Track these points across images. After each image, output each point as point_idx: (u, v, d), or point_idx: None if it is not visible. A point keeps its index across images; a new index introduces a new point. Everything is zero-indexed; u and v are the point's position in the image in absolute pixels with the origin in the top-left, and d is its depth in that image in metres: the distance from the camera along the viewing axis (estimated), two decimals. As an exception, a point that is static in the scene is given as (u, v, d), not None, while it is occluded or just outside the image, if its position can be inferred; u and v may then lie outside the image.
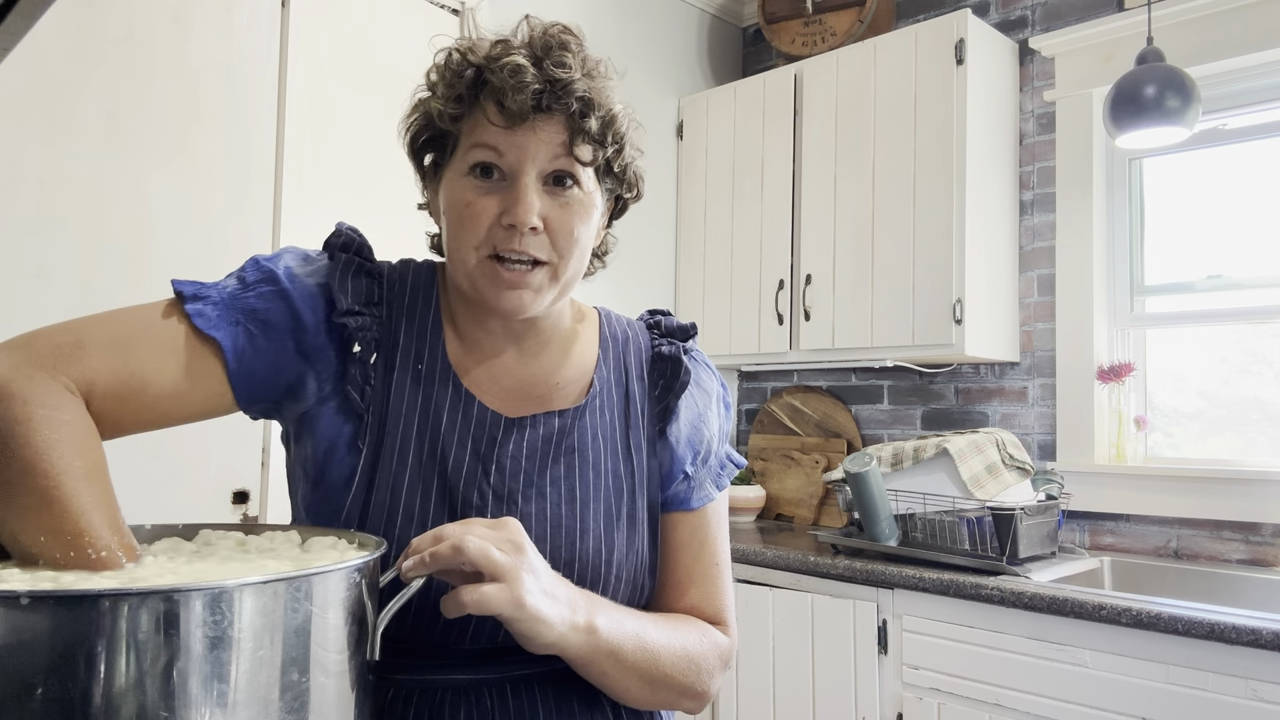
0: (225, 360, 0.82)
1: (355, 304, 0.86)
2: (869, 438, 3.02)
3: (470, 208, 0.84)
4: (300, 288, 0.86)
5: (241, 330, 0.82)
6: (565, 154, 0.84)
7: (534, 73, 0.82)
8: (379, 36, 2.34)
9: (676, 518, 0.96)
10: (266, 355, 0.83)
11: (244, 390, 0.83)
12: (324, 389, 0.87)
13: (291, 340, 0.84)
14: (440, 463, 0.86)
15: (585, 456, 0.91)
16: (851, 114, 2.76)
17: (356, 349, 0.86)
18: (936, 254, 2.54)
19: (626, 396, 0.96)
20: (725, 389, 1.04)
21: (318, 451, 0.87)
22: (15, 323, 1.79)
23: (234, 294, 0.84)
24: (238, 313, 0.83)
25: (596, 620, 0.80)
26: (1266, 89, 2.39)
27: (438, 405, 0.88)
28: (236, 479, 2.06)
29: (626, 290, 2.99)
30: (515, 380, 0.92)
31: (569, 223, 0.85)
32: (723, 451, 1.00)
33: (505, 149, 0.83)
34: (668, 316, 1.03)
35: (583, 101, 0.84)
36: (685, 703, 0.89)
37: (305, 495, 0.89)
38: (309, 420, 0.87)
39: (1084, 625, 1.86)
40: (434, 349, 0.90)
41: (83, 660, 0.52)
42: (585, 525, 0.88)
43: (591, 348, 0.97)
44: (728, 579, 0.98)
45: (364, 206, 2.26)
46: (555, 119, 0.84)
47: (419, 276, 0.94)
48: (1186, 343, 2.53)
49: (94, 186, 1.89)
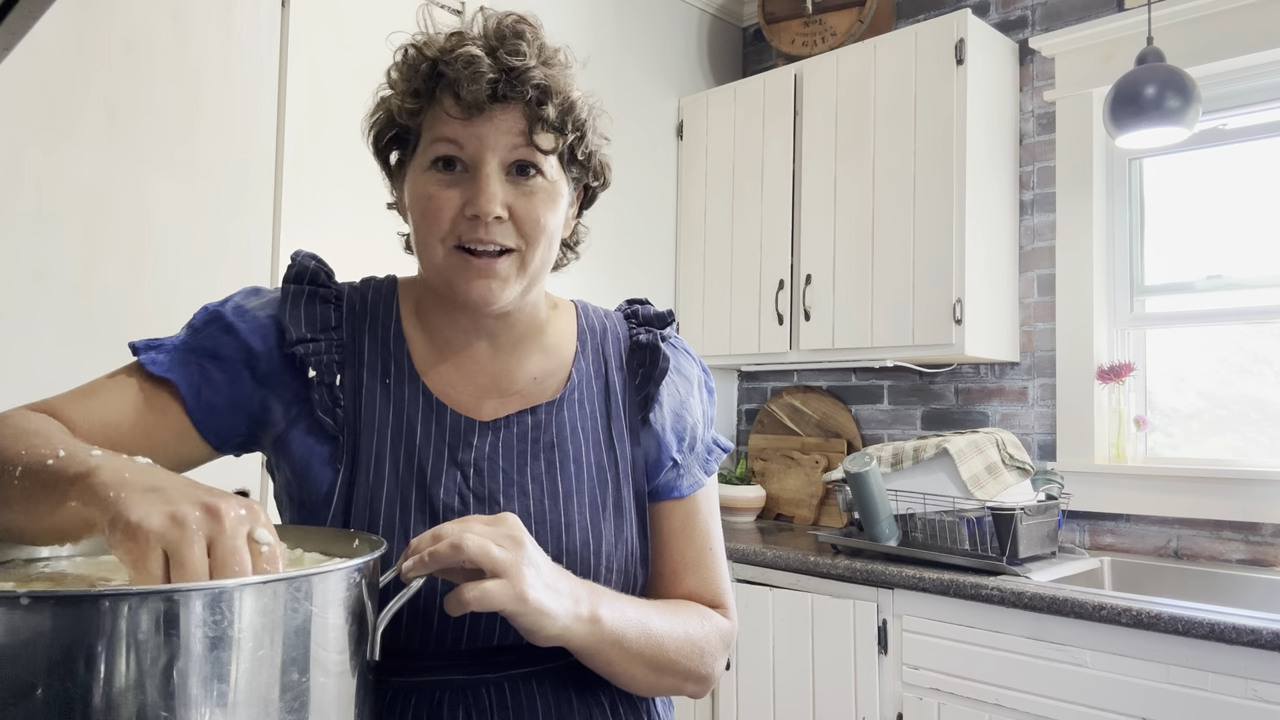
0: (183, 398, 0.85)
1: (307, 332, 0.88)
2: (869, 438, 3.02)
3: (433, 201, 0.84)
4: (248, 320, 0.89)
5: (194, 368, 0.86)
6: (525, 143, 0.84)
7: (489, 62, 0.82)
8: (379, 36, 2.34)
9: (668, 506, 0.96)
10: (223, 388, 0.86)
11: (208, 425, 0.86)
12: (290, 411, 0.88)
13: (245, 369, 0.87)
14: (418, 473, 0.86)
15: (565, 450, 0.91)
16: (851, 114, 2.76)
17: (312, 374, 0.87)
18: (936, 254, 2.54)
19: (606, 387, 0.95)
20: (707, 374, 1.04)
21: (295, 473, 0.88)
22: (15, 323, 1.80)
23: (184, 340, 0.88)
24: (189, 354, 0.87)
25: (600, 610, 0.80)
26: (1266, 89, 2.39)
27: (410, 416, 0.88)
28: (236, 479, 2.06)
29: (626, 290, 2.99)
30: (489, 377, 0.92)
31: (534, 210, 0.85)
32: (709, 437, 1.00)
33: (464, 140, 0.84)
34: (645, 305, 1.04)
35: (539, 89, 0.84)
36: (690, 686, 0.90)
37: (292, 519, 0.89)
38: (282, 445, 0.89)
39: (1084, 625, 1.86)
40: (399, 360, 0.91)
41: (83, 660, 0.52)
42: (570, 519, 0.88)
43: (569, 340, 0.97)
44: (722, 563, 0.98)
45: (364, 207, 2.26)
46: (513, 108, 0.84)
47: (378, 291, 0.95)
48: (1186, 343, 2.53)
49: (94, 186, 1.88)
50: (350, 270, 1.00)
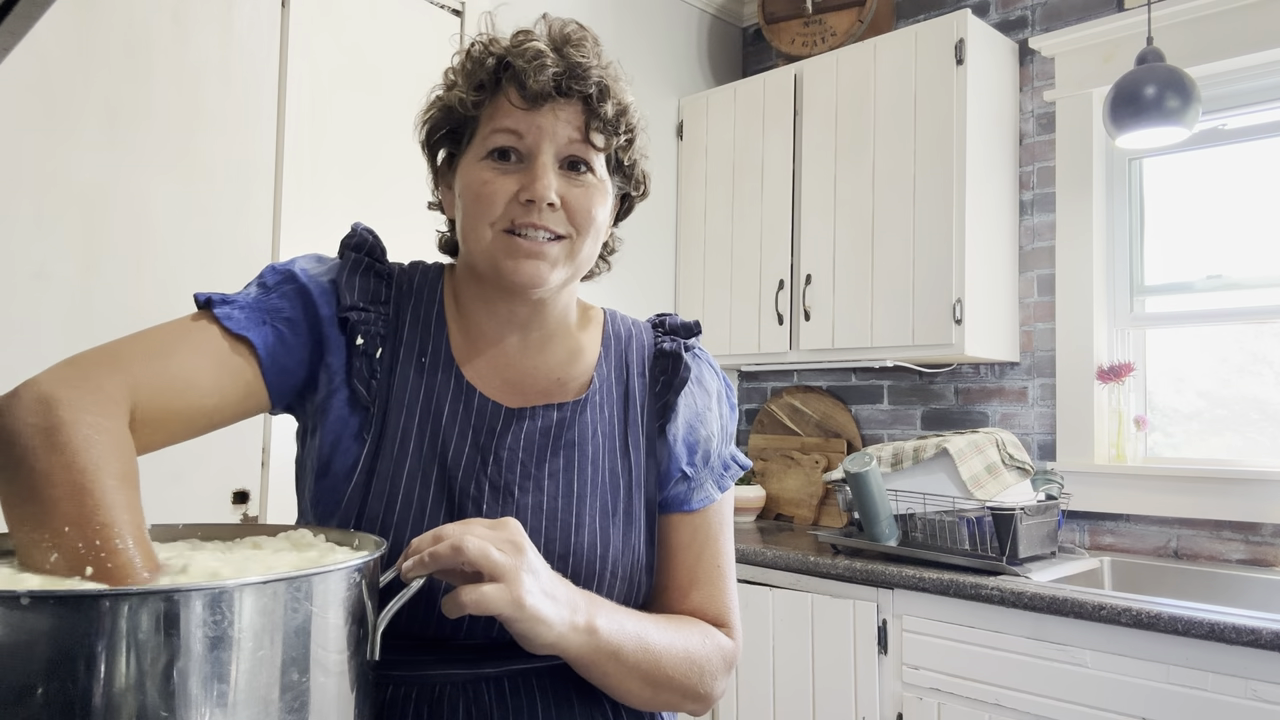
0: (259, 358, 0.85)
1: (360, 301, 0.90)
2: (869, 438, 3.02)
3: (488, 186, 0.86)
4: (316, 285, 0.90)
5: (270, 329, 0.86)
6: (582, 138, 0.88)
7: (554, 57, 0.86)
8: (379, 37, 2.34)
9: (677, 519, 0.96)
10: (294, 349, 0.88)
11: (276, 386, 0.87)
12: (334, 380, 0.89)
13: (311, 334, 0.88)
14: (440, 454, 0.88)
15: (584, 451, 0.91)
16: (851, 114, 2.76)
17: (360, 342, 0.89)
18: (936, 254, 2.54)
19: (626, 394, 0.96)
20: (730, 389, 1.04)
21: (325, 443, 0.89)
22: (15, 323, 1.80)
23: (258, 298, 0.88)
24: (264, 313, 0.87)
25: (597, 621, 0.80)
26: (1266, 89, 2.39)
27: (439, 397, 0.90)
28: (236, 479, 2.06)
29: (627, 290, 2.99)
30: (517, 372, 0.93)
31: (586, 202, 0.88)
32: (726, 452, 0.99)
33: (525, 130, 0.86)
34: (673, 316, 1.05)
35: (599, 87, 0.87)
36: (688, 705, 0.89)
37: (310, 488, 0.90)
38: (321, 412, 0.89)
39: (1084, 625, 1.86)
40: (437, 342, 0.92)
41: (83, 660, 0.52)
42: (581, 519, 0.89)
43: (594, 345, 0.98)
44: (731, 581, 0.97)
45: (364, 207, 2.26)
46: (573, 104, 0.87)
47: (425, 276, 0.97)
48: (1186, 343, 2.53)
49: (94, 187, 1.88)
50: (350, 270, 1.00)
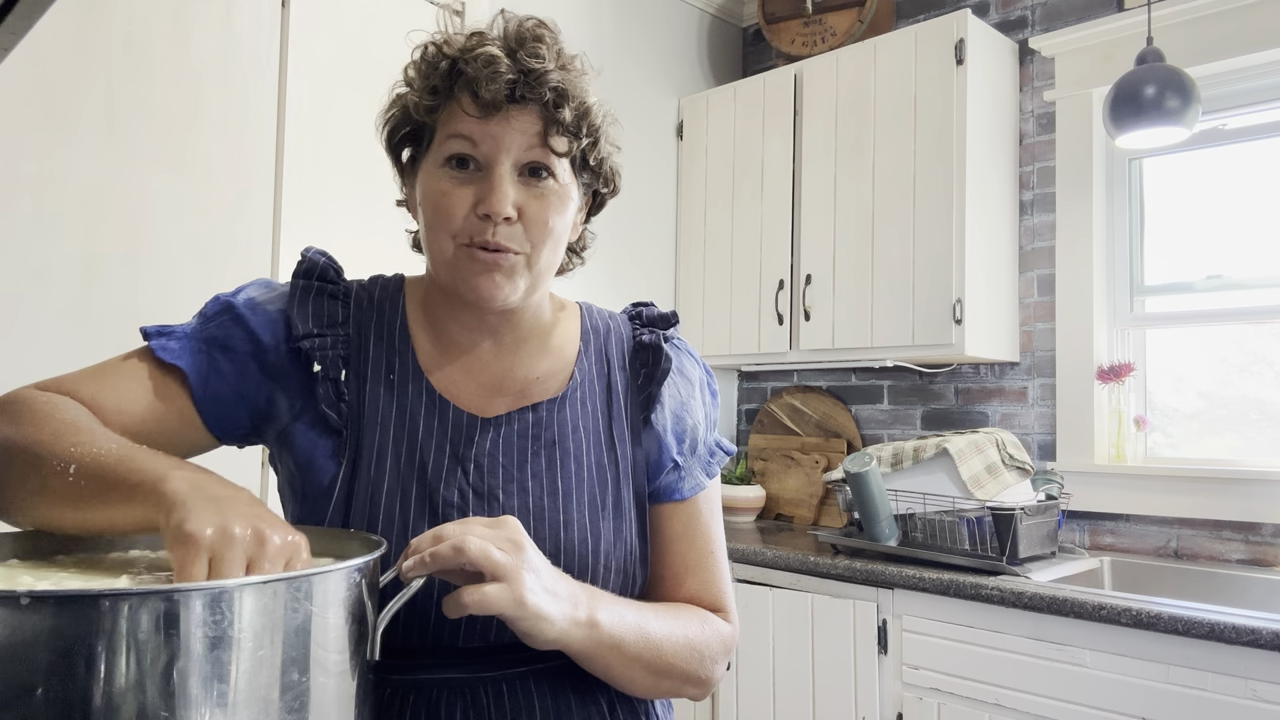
0: (190, 386, 0.86)
1: (314, 327, 0.89)
2: (869, 438, 3.02)
3: (445, 198, 0.85)
4: (259, 314, 0.90)
5: (204, 357, 0.87)
6: (540, 145, 0.85)
7: (508, 63, 0.83)
8: (379, 36, 2.34)
9: (669, 509, 0.96)
10: (230, 378, 0.87)
11: (212, 415, 0.87)
12: (295, 405, 0.89)
13: (254, 362, 0.88)
14: (419, 468, 0.87)
15: (566, 448, 0.91)
16: (851, 114, 2.76)
17: (317, 368, 0.88)
18: (936, 254, 2.54)
19: (609, 387, 0.96)
20: (710, 376, 1.04)
21: (298, 467, 0.88)
22: (15, 323, 1.80)
23: (195, 328, 0.89)
24: (199, 342, 0.88)
25: (598, 614, 0.80)
26: (1266, 89, 2.39)
27: (413, 411, 0.89)
28: (236, 476, 2.05)
29: (627, 290, 2.99)
30: (491, 376, 0.93)
31: (544, 213, 0.86)
32: (711, 439, 1.00)
33: (480, 139, 0.84)
34: (649, 307, 1.04)
35: (556, 92, 0.84)
36: (689, 690, 0.90)
37: (294, 513, 0.90)
38: (286, 439, 0.89)
39: (1084, 625, 1.86)
40: (404, 356, 0.91)
41: (83, 660, 0.52)
42: (569, 516, 0.88)
43: (572, 340, 0.97)
44: (724, 566, 0.98)
45: (364, 206, 2.26)
46: (529, 110, 0.85)
47: (385, 290, 0.96)
48: (1186, 343, 2.53)
49: (94, 187, 1.88)
50: (350, 270, 1.00)
